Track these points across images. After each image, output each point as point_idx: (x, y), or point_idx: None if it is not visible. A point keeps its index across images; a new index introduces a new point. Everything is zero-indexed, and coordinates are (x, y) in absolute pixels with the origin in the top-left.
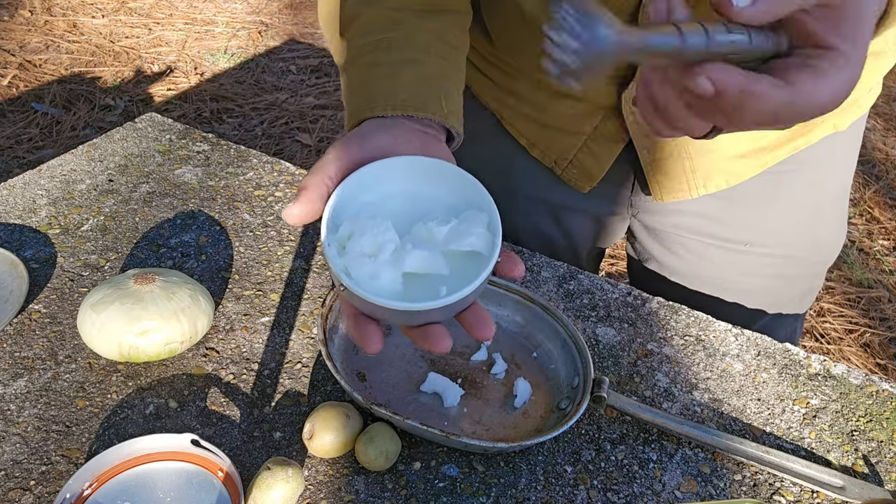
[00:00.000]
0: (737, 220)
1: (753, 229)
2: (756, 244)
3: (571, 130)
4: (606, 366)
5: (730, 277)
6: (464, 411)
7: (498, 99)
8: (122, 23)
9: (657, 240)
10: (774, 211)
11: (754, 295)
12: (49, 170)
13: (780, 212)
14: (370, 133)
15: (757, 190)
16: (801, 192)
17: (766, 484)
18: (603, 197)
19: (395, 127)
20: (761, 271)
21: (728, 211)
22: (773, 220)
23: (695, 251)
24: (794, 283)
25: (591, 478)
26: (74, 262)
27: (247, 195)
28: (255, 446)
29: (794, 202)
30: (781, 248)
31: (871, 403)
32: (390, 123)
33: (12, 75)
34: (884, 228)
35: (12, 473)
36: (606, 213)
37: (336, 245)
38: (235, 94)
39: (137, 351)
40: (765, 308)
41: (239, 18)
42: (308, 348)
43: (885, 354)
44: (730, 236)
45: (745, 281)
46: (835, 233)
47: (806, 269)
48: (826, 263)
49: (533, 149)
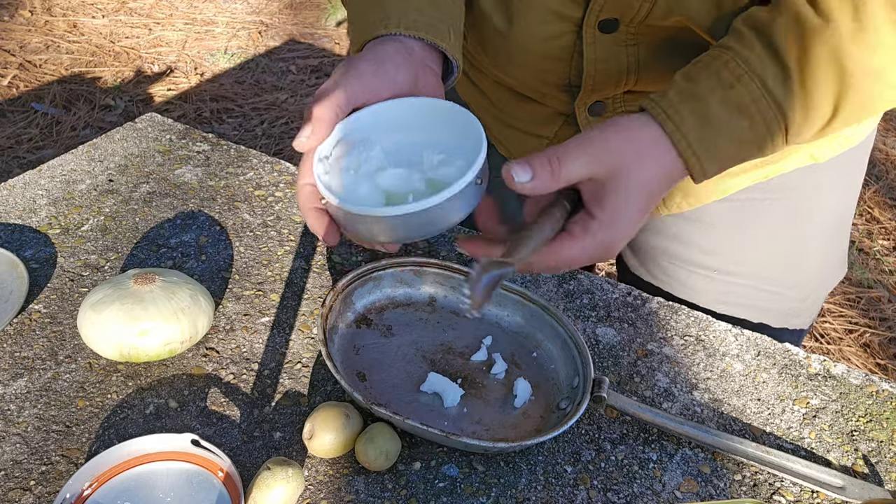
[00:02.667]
0: (705, 244)
1: (721, 256)
2: (724, 272)
3: (534, 133)
4: (606, 366)
5: (704, 302)
6: (464, 411)
7: (467, 92)
8: (122, 23)
9: (634, 254)
10: (745, 239)
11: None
12: (49, 170)
13: (752, 241)
14: (376, 60)
15: (724, 216)
16: (776, 223)
17: (766, 484)
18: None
19: (397, 56)
20: (734, 300)
21: (696, 234)
22: (744, 249)
23: (665, 271)
24: (772, 314)
25: (591, 478)
26: (74, 262)
27: (247, 195)
28: (255, 446)
29: (771, 233)
30: (753, 279)
31: (871, 403)
32: (392, 52)
33: (12, 75)
34: (884, 228)
35: (12, 473)
36: None
37: (325, 164)
38: (235, 94)
39: (137, 351)
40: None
41: (239, 18)
42: (308, 348)
43: (885, 354)
44: (698, 261)
45: (722, 307)
46: (824, 268)
47: (783, 305)
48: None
49: (500, 146)
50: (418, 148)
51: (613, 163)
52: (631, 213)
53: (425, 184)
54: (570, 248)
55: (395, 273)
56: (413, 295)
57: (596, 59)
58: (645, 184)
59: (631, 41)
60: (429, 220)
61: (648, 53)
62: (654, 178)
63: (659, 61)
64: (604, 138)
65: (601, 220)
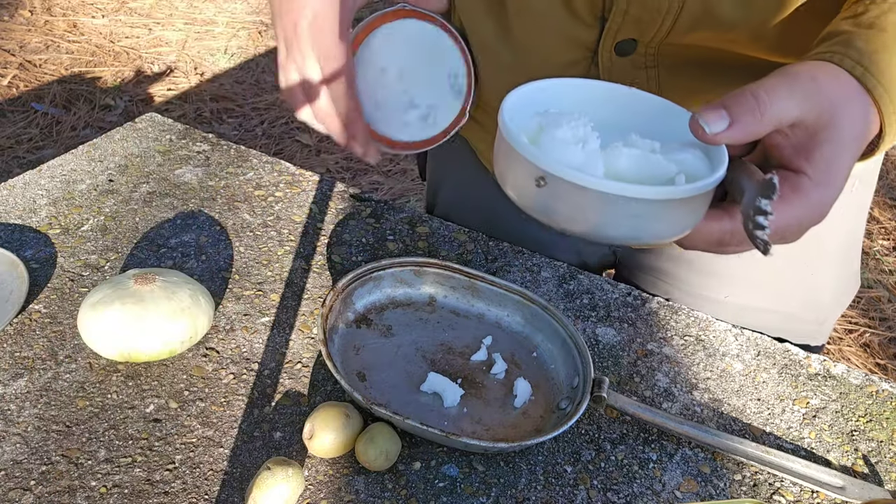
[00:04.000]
0: (716, 268)
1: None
2: (735, 296)
3: None
4: (606, 366)
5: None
6: (464, 411)
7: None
8: (122, 23)
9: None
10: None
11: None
12: (49, 170)
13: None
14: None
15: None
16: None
17: (766, 484)
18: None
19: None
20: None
21: (706, 257)
22: (757, 273)
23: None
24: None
25: (591, 478)
26: (74, 262)
27: (247, 195)
28: (255, 446)
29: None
30: (768, 302)
31: (870, 403)
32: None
33: (12, 75)
34: (884, 228)
35: (12, 473)
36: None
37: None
38: (235, 94)
39: (137, 351)
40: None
41: (239, 18)
42: (308, 348)
43: (885, 354)
44: (707, 285)
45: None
46: (837, 287)
47: (801, 326)
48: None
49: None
50: (622, 131)
51: (825, 106)
52: (844, 167)
53: (667, 165)
54: (782, 215)
55: (395, 273)
56: (413, 295)
57: None
58: (857, 135)
59: (650, 63)
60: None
61: (668, 76)
62: (862, 132)
63: (679, 84)
64: (812, 75)
65: (813, 177)
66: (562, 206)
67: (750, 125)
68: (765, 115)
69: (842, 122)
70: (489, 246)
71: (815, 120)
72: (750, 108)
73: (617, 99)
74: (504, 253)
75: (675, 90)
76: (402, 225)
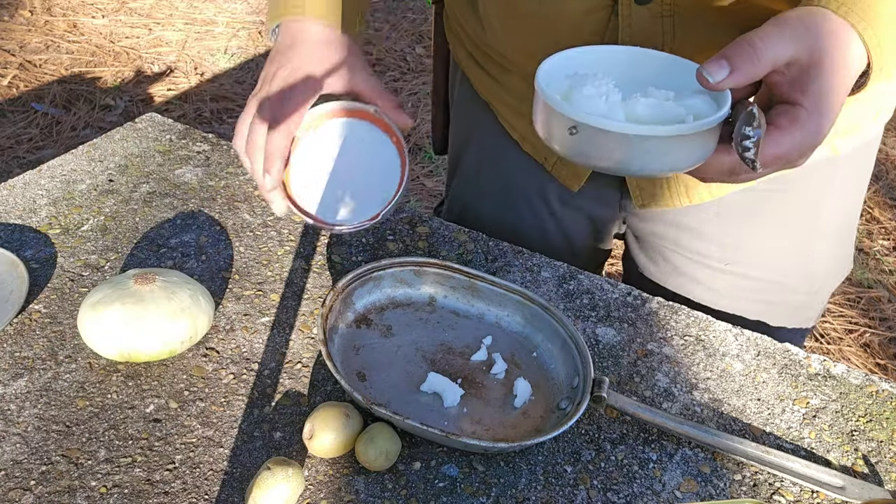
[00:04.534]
0: (717, 236)
1: (734, 248)
2: (735, 263)
3: None
4: (606, 366)
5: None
6: (464, 411)
7: (492, 92)
8: (122, 23)
9: (642, 249)
10: (759, 232)
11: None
12: (49, 170)
13: (766, 234)
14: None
15: (742, 207)
16: (790, 216)
17: (766, 484)
18: (594, 197)
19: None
20: (741, 294)
21: (709, 225)
22: (757, 242)
23: (674, 264)
24: (781, 310)
25: (591, 478)
26: (74, 262)
27: (247, 195)
28: (255, 446)
29: (782, 225)
30: (765, 271)
31: (870, 403)
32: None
33: (12, 75)
34: (884, 228)
35: (12, 473)
36: (599, 214)
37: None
38: (235, 94)
39: (137, 351)
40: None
41: (239, 18)
42: (308, 348)
43: (885, 354)
44: (710, 252)
45: (726, 302)
46: (831, 263)
47: (793, 297)
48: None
49: (524, 143)
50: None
51: (815, 44)
52: (836, 97)
53: (686, 109)
54: (780, 144)
55: (395, 273)
56: (413, 295)
57: (631, 34)
58: (846, 68)
59: (667, 12)
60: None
61: (684, 25)
62: (850, 64)
63: (694, 34)
64: (799, 18)
65: (808, 107)
66: (592, 149)
67: (748, 70)
68: (761, 59)
69: (831, 57)
70: (489, 246)
71: (807, 57)
72: (748, 55)
73: (636, 59)
74: (504, 253)
75: (688, 41)
76: (402, 225)
